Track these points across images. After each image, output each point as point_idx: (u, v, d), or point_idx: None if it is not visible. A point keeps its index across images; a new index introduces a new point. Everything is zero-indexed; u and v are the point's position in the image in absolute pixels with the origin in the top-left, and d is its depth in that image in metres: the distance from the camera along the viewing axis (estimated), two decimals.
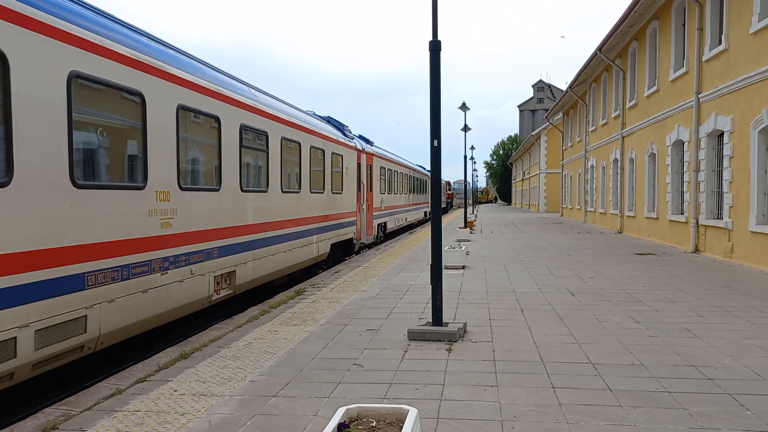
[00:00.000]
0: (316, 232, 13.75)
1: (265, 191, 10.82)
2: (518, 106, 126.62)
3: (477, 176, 75.72)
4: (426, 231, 24.13)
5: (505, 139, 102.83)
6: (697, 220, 15.54)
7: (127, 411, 4.60)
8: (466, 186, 34.57)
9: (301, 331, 7.10)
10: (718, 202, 14.83)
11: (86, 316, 5.93)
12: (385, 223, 23.64)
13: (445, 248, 12.37)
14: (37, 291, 5.31)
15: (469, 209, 40.35)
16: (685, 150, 16.61)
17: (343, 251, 17.02)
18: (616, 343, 6.37)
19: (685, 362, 5.64)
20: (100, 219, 6.25)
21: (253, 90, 10.83)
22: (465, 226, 24.66)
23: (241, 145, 9.69)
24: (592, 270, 12.35)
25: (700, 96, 15.38)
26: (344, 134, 17.38)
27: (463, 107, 25.67)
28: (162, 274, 7.30)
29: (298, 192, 12.52)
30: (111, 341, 6.50)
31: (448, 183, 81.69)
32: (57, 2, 5.80)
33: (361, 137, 20.69)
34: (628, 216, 23.07)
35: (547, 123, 49.00)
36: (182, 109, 7.90)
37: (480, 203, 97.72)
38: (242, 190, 9.73)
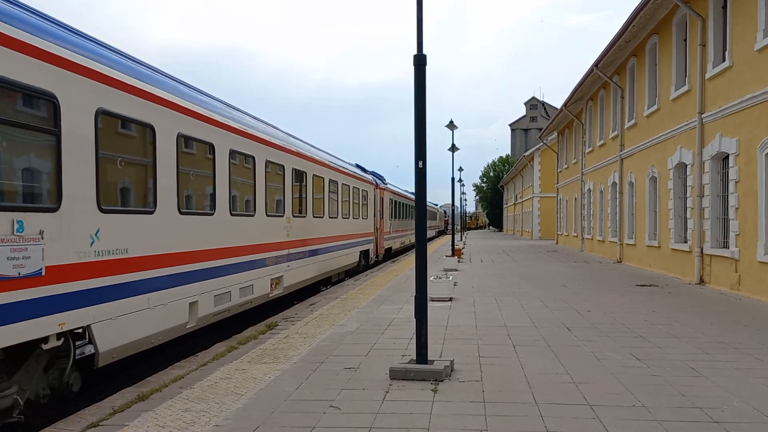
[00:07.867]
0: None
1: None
2: (510, 125, 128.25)
3: (466, 200, 76.38)
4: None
5: (496, 160, 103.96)
6: (702, 249, 15.75)
7: None
8: (453, 210, 34.64)
9: (273, 370, 7.04)
10: (724, 230, 15.03)
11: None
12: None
13: (430, 278, 12.39)
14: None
15: (457, 236, 40.60)
16: (687, 173, 16.90)
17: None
18: (616, 382, 6.40)
19: (690, 404, 5.68)
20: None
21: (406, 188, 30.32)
22: (452, 254, 24.74)
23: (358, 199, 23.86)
24: (589, 302, 12.44)
25: (703, 116, 15.68)
26: (436, 207, 43.48)
27: (451, 125, 25.86)
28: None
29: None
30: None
31: (445, 211, 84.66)
32: None
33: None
34: (627, 244, 23.32)
35: (541, 143, 49.68)
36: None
37: (469, 229, 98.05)
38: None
